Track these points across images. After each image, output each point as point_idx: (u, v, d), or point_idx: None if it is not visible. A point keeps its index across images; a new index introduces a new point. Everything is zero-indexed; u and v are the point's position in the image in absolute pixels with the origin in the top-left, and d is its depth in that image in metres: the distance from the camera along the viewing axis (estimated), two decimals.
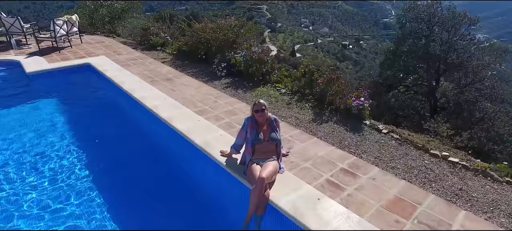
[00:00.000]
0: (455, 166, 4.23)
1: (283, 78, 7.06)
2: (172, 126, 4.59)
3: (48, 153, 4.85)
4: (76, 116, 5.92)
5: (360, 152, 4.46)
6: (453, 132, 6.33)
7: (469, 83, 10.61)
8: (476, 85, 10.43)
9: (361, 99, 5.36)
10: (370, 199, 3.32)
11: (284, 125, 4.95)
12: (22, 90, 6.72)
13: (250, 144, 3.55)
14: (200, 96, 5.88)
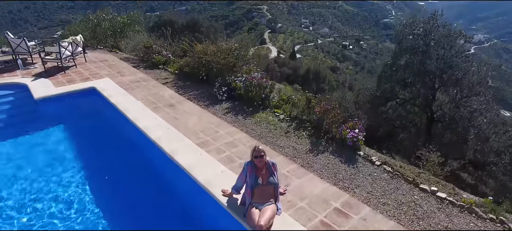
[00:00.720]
0: (442, 202, 4.49)
1: (282, 103, 7.31)
2: (175, 160, 4.85)
3: (56, 182, 5.13)
4: (83, 145, 6.18)
5: (354, 186, 4.72)
6: (444, 160, 6.59)
7: (465, 96, 10.86)
8: (471, 100, 10.68)
9: (355, 130, 5.62)
10: None
11: (282, 159, 5.21)
12: (30, 117, 7.00)
13: (250, 188, 3.81)
14: (202, 125, 6.14)
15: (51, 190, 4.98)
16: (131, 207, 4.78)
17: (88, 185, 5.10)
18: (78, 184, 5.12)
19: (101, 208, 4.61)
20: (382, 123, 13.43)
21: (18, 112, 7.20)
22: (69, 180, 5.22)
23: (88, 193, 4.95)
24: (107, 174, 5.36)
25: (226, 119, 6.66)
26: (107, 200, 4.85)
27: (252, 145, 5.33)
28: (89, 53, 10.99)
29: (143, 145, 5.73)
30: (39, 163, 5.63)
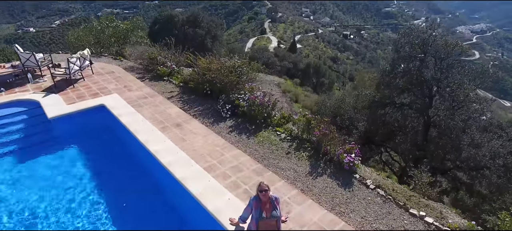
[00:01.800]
0: (429, 226, 4.96)
1: (283, 121, 7.73)
2: (186, 187, 5.31)
3: (74, 204, 5.61)
4: (97, 167, 6.65)
5: (349, 211, 5.19)
6: (434, 180, 7.04)
7: (459, 107, 11.26)
8: (465, 107, 11.08)
9: (352, 155, 6.06)
10: None
11: (283, 184, 5.66)
12: (45, 137, 7.43)
13: (255, 221, 4.27)
14: (208, 148, 6.57)
15: (70, 209, 5.47)
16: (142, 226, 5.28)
17: (104, 206, 5.59)
18: (94, 204, 5.61)
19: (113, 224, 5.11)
20: (380, 126, 13.88)
21: (33, 131, 7.61)
22: (89, 198, 5.71)
23: (102, 214, 5.44)
24: (118, 196, 5.83)
25: (231, 139, 7.09)
26: (119, 220, 5.34)
27: (255, 170, 5.80)
28: (95, 62, 11.31)
29: (154, 169, 6.17)
30: (57, 183, 6.11)
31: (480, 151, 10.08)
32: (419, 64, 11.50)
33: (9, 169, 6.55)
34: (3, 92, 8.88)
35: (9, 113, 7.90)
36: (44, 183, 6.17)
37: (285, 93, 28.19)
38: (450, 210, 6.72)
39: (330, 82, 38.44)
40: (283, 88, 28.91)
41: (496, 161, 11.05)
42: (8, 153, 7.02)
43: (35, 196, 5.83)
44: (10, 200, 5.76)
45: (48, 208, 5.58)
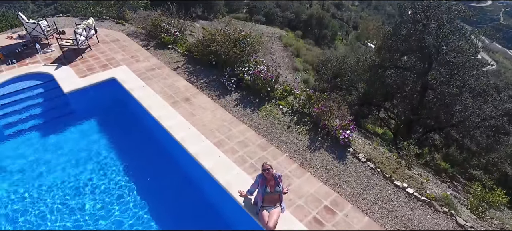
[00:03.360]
0: (409, 197, 5.87)
1: (285, 94, 8.31)
2: (199, 162, 6.12)
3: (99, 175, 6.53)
4: (114, 140, 7.43)
5: (342, 182, 6.06)
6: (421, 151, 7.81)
7: (457, 72, 11.73)
8: (462, 72, 11.56)
9: (347, 131, 6.77)
10: None
11: (285, 158, 6.46)
12: (62, 111, 8.09)
13: (261, 194, 5.13)
14: (217, 123, 7.26)
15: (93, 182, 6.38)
16: (160, 194, 6.22)
17: (129, 178, 6.49)
18: (119, 176, 6.50)
19: (138, 196, 6.06)
20: (379, 88, 14.43)
21: (51, 106, 8.23)
22: (114, 170, 6.61)
23: (125, 185, 6.36)
24: (138, 171, 6.68)
25: (237, 113, 7.75)
26: (143, 192, 6.26)
27: (259, 145, 6.57)
28: (98, 27, 11.47)
29: (168, 144, 6.93)
30: (80, 156, 6.96)
31: (471, 117, 10.81)
32: (421, 28, 11.67)
33: (35, 144, 7.33)
34: (16, 63, 9.32)
35: (26, 86, 8.44)
36: (68, 157, 6.99)
37: (286, 47, 28.10)
38: (433, 178, 7.66)
39: (333, 33, 37.77)
40: (284, 42, 28.72)
41: (486, 123, 11.84)
42: (32, 128, 7.73)
43: (60, 170, 6.69)
44: (37, 173, 6.61)
45: (73, 181, 6.47)
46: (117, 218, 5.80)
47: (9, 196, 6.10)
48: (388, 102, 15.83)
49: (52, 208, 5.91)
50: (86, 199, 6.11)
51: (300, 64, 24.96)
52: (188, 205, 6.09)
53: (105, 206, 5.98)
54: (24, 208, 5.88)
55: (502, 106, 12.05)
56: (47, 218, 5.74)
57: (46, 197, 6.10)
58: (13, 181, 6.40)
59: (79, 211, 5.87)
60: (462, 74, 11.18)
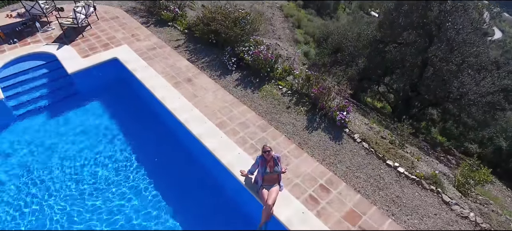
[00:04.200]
0: (400, 175, 6.32)
1: (285, 75, 8.55)
2: (203, 143, 6.52)
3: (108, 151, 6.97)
4: (120, 121, 7.80)
5: (337, 162, 6.50)
6: (418, 125, 8.15)
7: (457, 48, 11.84)
8: (460, 52, 11.68)
9: (344, 113, 7.10)
10: (334, 211, 5.53)
11: (284, 139, 6.85)
12: (67, 92, 8.39)
13: (261, 174, 5.57)
14: (218, 104, 7.58)
15: (103, 162, 6.84)
16: (165, 172, 6.69)
17: (135, 158, 6.94)
18: (125, 161, 6.95)
19: (145, 172, 6.55)
20: (379, 64, 14.57)
21: (56, 86, 8.50)
22: (121, 150, 7.04)
23: (133, 162, 6.83)
24: (145, 151, 7.11)
25: (237, 93, 8.04)
26: (149, 170, 6.73)
27: (259, 126, 6.94)
28: (96, 3, 11.44)
29: (172, 124, 7.30)
30: (88, 136, 7.37)
31: (468, 95, 11.08)
32: (423, 4, 11.62)
33: (42, 124, 7.70)
34: (17, 43, 9.46)
35: (30, 67, 8.65)
36: (76, 137, 7.39)
37: (287, 17, 27.66)
38: (425, 156, 8.09)
39: (335, 2, 36.89)
40: (285, 12, 28.22)
41: (482, 100, 12.14)
42: (39, 109, 8.07)
43: (70, 149, 7.11)
44: (47, 152, 7.04)
45: (83, 159, 6.92)
46: (124, 192, 6.30)
47: (20, 174, 6.56)
48: (387, 77, 16.02)
49: (59, 185, 6.40)
50: (93, 178, 6.59)
51: (301, 36, 24.75)
52: (193, 183, 6.56)
53: (113, 183, 6.47)
54: (32, 184, 6.38)
55: (500, 82, 12.28)
56: (52, 189, 6.25)
57: (54, 175, 6.58)
58: (22, 160, 6.84)
59: (88, 187, 6.37)
60: (462, 51, 11.30)
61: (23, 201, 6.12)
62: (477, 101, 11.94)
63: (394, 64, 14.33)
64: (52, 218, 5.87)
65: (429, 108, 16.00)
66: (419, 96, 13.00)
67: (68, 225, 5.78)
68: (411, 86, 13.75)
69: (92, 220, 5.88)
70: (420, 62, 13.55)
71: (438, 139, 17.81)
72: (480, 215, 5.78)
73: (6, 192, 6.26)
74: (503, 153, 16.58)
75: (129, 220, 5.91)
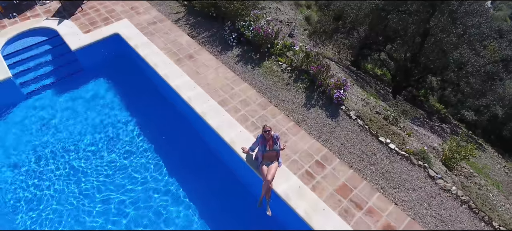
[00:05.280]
0: (391, 151, 6.86)
1: (285, 50, 8.78)
2: (206, 121, 6.98)
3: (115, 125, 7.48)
4: (126, 97, 8.21)
5: (332, 138, 7.01)
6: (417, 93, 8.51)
7: (460, 17, 11.88)
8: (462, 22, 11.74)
9: (341, 91, 7.48)
10: (328, 185, 6.13)
11: (282, 117, 7.29)
12: (72, 68, 8.68)
13: (261, 152, 6.10)
14: (220, 82, 7.93)
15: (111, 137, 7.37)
16: (171, 147, 7.24)
17: (142, 133, 7.46)
18: (131, 133, 7.46)
19: (151, 150, 7.11)
20: (381, 32, 14.59)
21: (60, 63, 8.78)
22: (129, 124, 7.54)
23: (138, 136, 7.36)
24: (164, 136, 7.56)
25: (238, 70, 8.35)
26: (157, 145, 7.28)
27: (260, 103, 7.37)
28: None
29: (177, 101, 7.72)
30: (96, 113, 7.83)
31: (466, 66, 11.34)
32: None
33: (49, 101, 8.11)
34: (17, 17, 9.56)
35: (32, 43, 8.86)
36: (85, 115, 7.84)
37: None
38: (417, 128, 8.58)
39: None
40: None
41: (481, 70, 12.42)
42: (46, 86, 8.43)
43: (78, 125, 7.60)
44: (56, 129, 7.52)
45: (92, 136, 7.44)
46: (133, 164, 6.91)
47: (34, 148, 7.12)
48: (389, 45, 16.08)
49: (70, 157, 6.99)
50: (103, 151, 7.15)
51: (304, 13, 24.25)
52: (198, 157, 7.14)
53: (123, 155, 7.05)
54: (48, 156, 6.98)
55: (500, 53, 12.45)
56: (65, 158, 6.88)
57: (67, 147, 7.15)
58: (35, 136, 7.36)
59: (99, 160, 6.97)
60: (464, 22, 11.35)
61: (42, 178, 6.73)
62: (475, 72, 12.22)
63: (396, 33, 14.36)
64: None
65: (428, 76, 16.28)
66: (418, 66, 13.23)
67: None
68: (411, 56, 13.92)
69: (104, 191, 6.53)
70: (421, 32, 13.60)
71: (436, 106, 18.28)
72: (461, 188, 6.40)
73: (28, 167, 6.85)
74: (498, 120, 17.15)
75: (135, 203, 6.48)
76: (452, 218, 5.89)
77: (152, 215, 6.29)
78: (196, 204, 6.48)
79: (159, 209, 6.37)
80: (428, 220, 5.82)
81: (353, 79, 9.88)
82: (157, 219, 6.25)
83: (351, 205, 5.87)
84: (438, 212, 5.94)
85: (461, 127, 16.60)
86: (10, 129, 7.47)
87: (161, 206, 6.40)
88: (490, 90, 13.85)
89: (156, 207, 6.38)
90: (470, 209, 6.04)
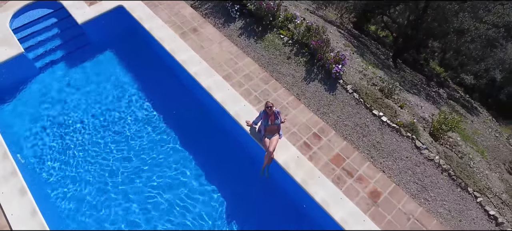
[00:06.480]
0: (383, 124, 7.60)
1: (287, 23, 9.14)
2: (212, 95, 7.64)
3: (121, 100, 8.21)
4: (133, 70, 8.77)
5: (329, 111, 7.71)
6: None
7: None
8: None
9: (339, 66, 8.02)
10: (323, 155, 6.96)
11: (283, 91, 7.92)
12: (80, 42, 9.11)
13: (263, 126, 6.84)
14: (224, 56, 8.43)
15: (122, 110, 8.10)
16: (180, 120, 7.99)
17: (152, 107, 8.17)
18: (141, 107, 8.17)
19: (163, 124, 7.88)
20: None
21: (68, 37, 9.18)
22: (136, 101, 8.24)
23: (147, 109, 8.11)
24: (175, 111, 8.21)
25: (241, 43, 8.81)
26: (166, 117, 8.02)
27: (262, 78, 7.98)
28: None
29: (182, 75, 8.31)
30: (107, 87, 8.47)
31: (466, 35, 11.68)
32: None
33: (62, 76, 8.68)
34: None
35: (39, 16, 9.18)
36: (96, 88, 8.47)
37: None
38: (412, 97, 9.22)
39: None
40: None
41: (482, 36, 12.75)
42: (57, 60, 8.93)
43: (90, 99, 8.27)
44: (66, 103, 8.18)
45: (103, 109, 8.14)
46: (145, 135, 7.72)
47: (51, 121, 7.89)
48: (391, 8, 16.12)
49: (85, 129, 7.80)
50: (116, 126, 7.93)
51: None
52: (204, 129, 7.91)
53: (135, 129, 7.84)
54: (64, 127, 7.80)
55: (502, 20, 12.66)
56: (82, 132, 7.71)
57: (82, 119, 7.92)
58: (47, 110, 8.06)
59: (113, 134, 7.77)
60: None
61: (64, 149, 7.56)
62: (477, 37, 12.56)
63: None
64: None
65: (430, 40, 16.53)
66: (420, 33, 13.50)
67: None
68: (414, 20, 14.10)
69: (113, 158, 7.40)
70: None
71: (436, 69, 18.75)
72: (444, 157, 7.23)
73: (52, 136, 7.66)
74: (496, 84, 17.74)
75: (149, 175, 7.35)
76: (432, 184, 6.79)
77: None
78: (204, 169, 7.35)
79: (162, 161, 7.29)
80: (411, 186, 6.72)
81: (353, 46, 10.26)
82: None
83: (343, 173, 6.75)
84: (420, 179, 6.83)
85: (459, 91, 17.23)
86: (27, 105, 8.13)
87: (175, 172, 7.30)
88: (489, 57, 14.26)
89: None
90: (449, 176, 6.91)
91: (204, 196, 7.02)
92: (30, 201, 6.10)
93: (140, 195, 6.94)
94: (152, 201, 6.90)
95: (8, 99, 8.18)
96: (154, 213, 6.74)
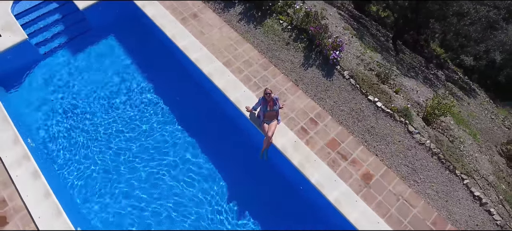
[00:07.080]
0: (377, 109, 7.96)
1: (286, 8, 9.31)
2: (213, 82, 7.97)
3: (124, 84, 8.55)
4: (136, 54, 9.05)
5: (326, 97, 8.06)
6: None
7: None
8: None
9: (337, 52, 8.29)
10: (319, 140, 7.37)
11: (282, 77, 8.23)
12: (83, 28, 9.32)
13: (262, 112, 7.21)
14: (224, 42, 8.68)
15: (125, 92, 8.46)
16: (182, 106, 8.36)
17: (153, 90, 8.52)
18: (143, 90, 8.52)
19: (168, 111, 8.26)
20: None
21: (70, 22, 9.39)
22: (139, 83, 8.59)
23: (150, 93, 8.47)
24: (178, 97, 8.55)
25: (241, 29, 9.03)
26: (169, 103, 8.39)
27: (261, 64, 8.29)
28: None
29: (184, 61, 8.59)
30: (111, 71, 8.79)
31: (462, 21, 11.83)
32: None
33: (66, 61, 8.96)
34: None
35: (39, 1, 9.36)
36: (100, 73, 8.78)
37: None
38: (409, 80, 9.51)
39: None
40: None
41: (482, 19, 12.89)
42: (60, 46, 9.17)
43: (94, 84, 8.60)
44: (70, 90, 8.53)
45: (107, 93, 8.49)
46: (146, 120, 8.12)
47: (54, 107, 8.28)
48: None
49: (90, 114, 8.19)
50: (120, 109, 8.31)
51: None
52: (206, 114, 8.29)
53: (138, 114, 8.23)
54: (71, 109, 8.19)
55: (504, 2, 12.77)
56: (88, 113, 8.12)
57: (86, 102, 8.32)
58: (51, 95, 8.42)
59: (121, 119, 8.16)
60: None
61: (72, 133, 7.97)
62: (477, 20, 12.71)
63: None
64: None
65: (430, 21, 16.60)
66: (420, 15, 13.59)
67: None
68: (412, 3, 14.17)
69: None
70: None
71: (437, 51, 18.89)
72: (435, 141, 7.64)
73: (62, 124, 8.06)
74: (495, 66, 17.95)
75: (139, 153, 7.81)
76: (422, 167, 7.23)
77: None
78: (206, 152, 7.81)
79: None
80: (402, 169, 7.18)
81: (353, 28, 10.44)
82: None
83: (338, 157, 7.18)
84: (411, 162, 7.28)
85: (458, 73, 17.44)
86: (33, 90, 8.47)
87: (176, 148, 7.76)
88: (489, 38, 14.41)
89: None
90: (439, 159, 7.35)
91: (205, 176, 7.51)
92: (43, 183, 6.57)
93: (148, 175, 7.48)
94: (158, 176, 7.48)
95: (15, 85, 8.51)
96: (161, 187, 7.34)
